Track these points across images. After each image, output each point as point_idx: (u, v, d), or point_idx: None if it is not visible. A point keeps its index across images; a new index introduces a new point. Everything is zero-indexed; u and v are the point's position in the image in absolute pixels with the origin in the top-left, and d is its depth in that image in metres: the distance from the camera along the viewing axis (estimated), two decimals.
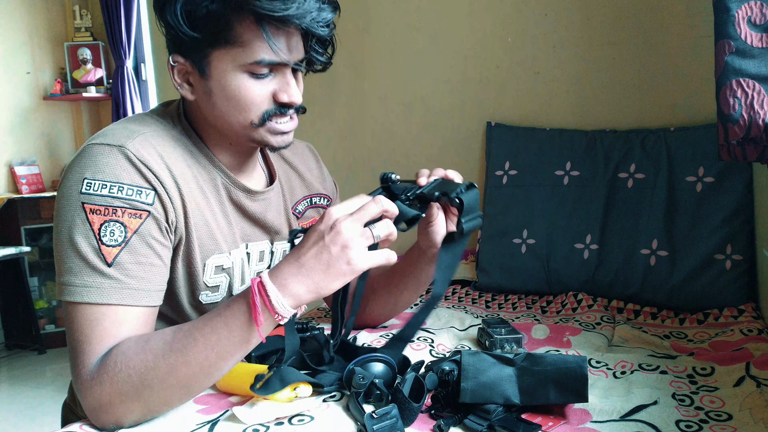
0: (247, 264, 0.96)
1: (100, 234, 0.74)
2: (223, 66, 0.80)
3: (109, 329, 0.74)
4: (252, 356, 0.87)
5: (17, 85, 3.37)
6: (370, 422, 0.67)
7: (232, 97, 0.82)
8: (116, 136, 0.79)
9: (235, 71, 0.80)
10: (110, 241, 0.75)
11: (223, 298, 0.93)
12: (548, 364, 0.74)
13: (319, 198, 1.10)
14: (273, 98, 0.83)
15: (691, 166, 1.43)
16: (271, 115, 0.84)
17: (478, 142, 1.88)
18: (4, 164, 3.33)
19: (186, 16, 0.79)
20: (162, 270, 0.80)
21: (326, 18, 0.81)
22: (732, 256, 1.34)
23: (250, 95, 0.81)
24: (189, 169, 0.85)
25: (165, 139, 0.84)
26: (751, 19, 0.83)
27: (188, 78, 0.85)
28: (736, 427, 0.71)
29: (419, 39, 1.96)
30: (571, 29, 1.71)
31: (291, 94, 0.83)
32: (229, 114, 0.83)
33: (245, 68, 0.80)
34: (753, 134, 0.81)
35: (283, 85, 0.83)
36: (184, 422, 0.73)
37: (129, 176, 0.77)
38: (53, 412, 2.51)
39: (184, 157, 0.85)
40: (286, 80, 0.83)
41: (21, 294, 3.20)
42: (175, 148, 0.85)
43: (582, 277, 1.48)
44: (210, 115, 0.86)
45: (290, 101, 0.83)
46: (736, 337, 1.08)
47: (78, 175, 0.76)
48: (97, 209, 0.75)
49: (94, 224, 0.75)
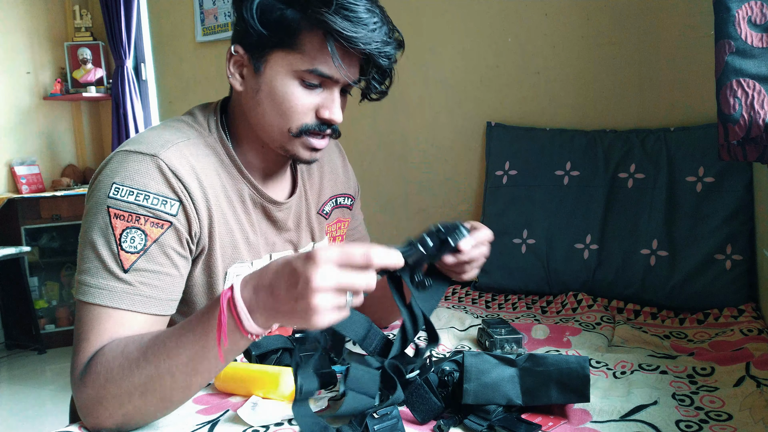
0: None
1: (120, 239, 0.76)
2: (279, 68, 0.83)
3: (110, 331, 0.74)
4: (252, 356, 0.87)
5: (17, 85, 3.37)
6: (371, 422, 0.67)
7: (277, 100, 0.83)
8: (151, 144, 0.81)
9: (288, 75, 0.82)
10: (129, 248, 0.76)
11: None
12: (550, 365, 0.74)
13: (343, 198, 1.10)
14: (316, 113, 0.85)
15: (691, 166, 1.43)
16: (309, 129, 0.85)
17: (478, 142, 1.88)
18: (4, 164, 3.33)
19: (260, 14, 0.81)
20: (178, 280, 0.81)
21: (389, 52, 0.83)
22: (732, 256, 1.34)
23: (295, 102, 0.83)
24: (218, 178, 0.87)
25: (199, 147, 0.86)
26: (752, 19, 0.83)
27: (242, 70, 0.87)
28: (736, 427, 0.71)
29: (419, 39, 1.96)
30: (571, 29, 1.71)
31: (334, 111, 0.85)
32: (270, 116, 0.85)
33: (298, 75, 0.82)
34: (753, 134, 0.82)
35: (329, 102, 0.85)
36: (184, 422, 0.73)
37: (156, 185, 0.78)
38: (53, 412, 2.51)
39: (215, 167, 0.87)
40: (333, 98, 0.85)
41: (21, 294, 3.20)
42: (208, 156, 0.87)
43: (582, 277, 1.48)
44: (251, 113, 0.87)
45: (331, 118, 0.85)
46: (736, 337, 1.08)
47: (108, 179, 0.78)
48: (121, 215, 0.76)
49: (117, 229, 0.76)
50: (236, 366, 0.84)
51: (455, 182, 1.90)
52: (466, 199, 1.91)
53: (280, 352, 0.87)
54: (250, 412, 0.73)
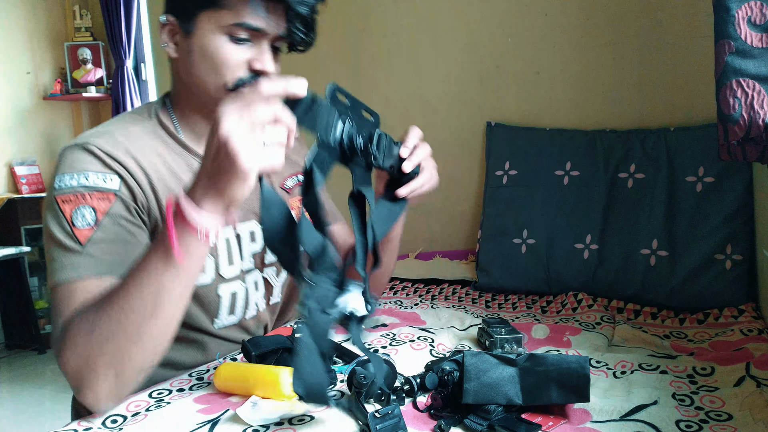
0: (236, 245, 0.98)
1: (72, 219, 0.79)
2: (208, 26, 0.86)
3: (80, 300, 0.75)
4: (252, 356, 0.87)
5: (17, 85, 3.37)
6: (373, 421, 0.67)
7: (209, 57, 0.87)
8: (83, 137, 0.87)
9: (217, 32, 0.86)
10: (82, 224, 0.79)
11: (213, 279, 0.95)
12: (550, 365, 0.74)
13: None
14: (249, 67, 0.88)
15: (691, 166, 1.43)
16: (245, 82, 0.88)
17: (478, 142, 1.88)
18: (4, 164, 3.33)
19: None
20: (137, 247, 0.82)
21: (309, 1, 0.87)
22: (732, 256, 1.34)
23: (226, 56, 0.86)
24: (160, 158, 0.90)
25: (133, 132, 0.90)
26: (751, 19, 0.83)
27: (175, 38, 0.91)
28: (736, 427, 0.71)
29: (419, 39, 1.96)
30: (571, 29, 1.71)
31: (265, 62, 0.88)
32: (205, 74, 0.88)
33: (227, 30, 0.85)
34: (753, 134, 0.82)
35: (259, 54, 0.88)
36: (184, 422, 0.73)
37: (95, 167, 0.83)
38: (53, 412, 2.51)
39: (154, 147, 0.91)
40: (262, 50, 0.88)
41: (21, 294, 3.20)
42: (146, 140, 0.91)
43: (582, 277, 1.48)
44: (188, 77, 0.91)
45: (263, 69, 0.88)
46: (736, 337, 1.08)
47: (52, 178, 0.84)
48: (68, 198, 0.81)
49: (66, 212, 0.80)
50: (236, 366, 0.84)
51: (455, 182, 1.90)
52: (466, 199, 1.91)
53: (280, 352, 0.87)
54: (250, 412, 0.73)
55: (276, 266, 1.05)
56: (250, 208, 1.01)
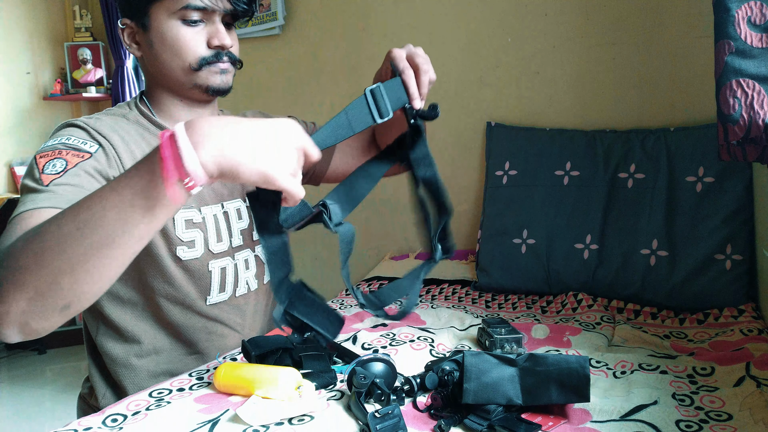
0: (225, 222, 1.02)
1: (43, 168, 0.82)
2: (160, 17, 0.93)
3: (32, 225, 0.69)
4: (252, 356, 0.87)
5: (17, 85, 3.37)
6: (373, 421, 0.67)
7: (168, 43, 0.94)
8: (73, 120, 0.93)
9: (169, 20, 0.93)
10: (51, 171, 0.82)
11: (203, 254, 0.99)
12: (550, 365, 0.74)
13: None
14: (207, 45, 0.95)
15: (691, 166, 1.43)
16: (208, 60, 0.95)
17: (478, 142, 1.88)
18: (4, 164, 3.33)
19: None
20: None
21: None
22: (732, 256, 1.34)
23: (183, 38, 0.94)
24: (145, 141, 0.97)
25: (120, 121, 0.97)
26: (751, 19, 0.83)
27: (136, 38, 0.98)
28: (736, 427, 0.71)
29: (418, 39, 1.96)
30: (571, 29, 1.71)
31: (221, 37, 0.95)
32: (169, 60, 0.95)
33: (178, 15, 0.93)
34: (753, 134, 0.82)
35: (214, 32, 0.95)
36: (184, 422, 0.74)
37: (80, 135, 0.90)
38: (53, 412, 2.51)
39: (138, 131, 0.98)
40: (216, 27, 0.95)
41: None
42: (131, 128, 0.97)
43: (582, 277, 1.48)
44: (155, 69, 0.98)
45: (222, 43, 0.95)
46: (736, 337, 1.08)
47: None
48: (45, 154, 0.85)
49: (40, 164, 0.83)
50: (236, 366, 0.84)
51: (455, 182, 1.90)
52: (466, 199, 1.91)
53: (280, 352, 0.87)
54: (250, 412, 0.73)
55: None
56: (237, 186, 1.06)
